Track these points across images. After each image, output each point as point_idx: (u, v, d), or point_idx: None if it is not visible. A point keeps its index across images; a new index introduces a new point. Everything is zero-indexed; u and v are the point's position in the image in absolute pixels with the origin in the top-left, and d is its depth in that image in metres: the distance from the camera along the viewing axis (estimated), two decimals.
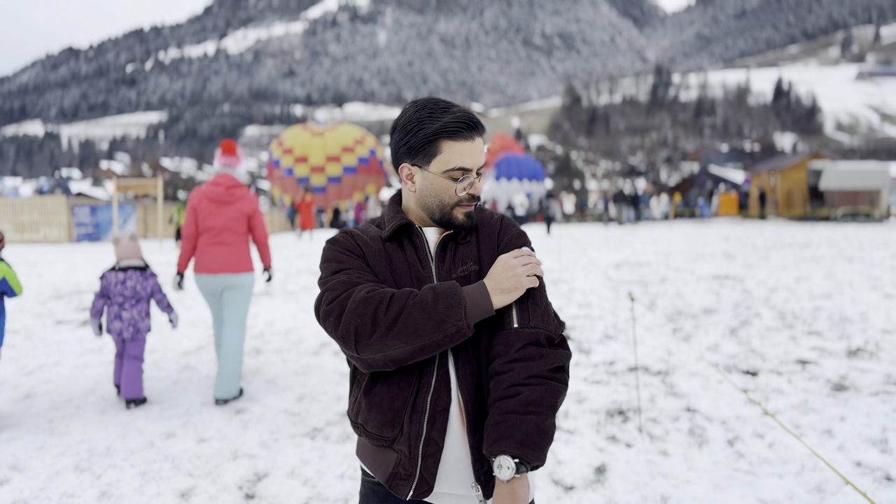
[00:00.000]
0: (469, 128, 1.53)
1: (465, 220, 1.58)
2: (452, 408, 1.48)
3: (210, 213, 5.01)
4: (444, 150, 1.54)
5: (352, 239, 1.62)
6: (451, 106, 1.57)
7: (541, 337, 1.46)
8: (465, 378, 1.48)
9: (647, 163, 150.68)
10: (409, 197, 1.64)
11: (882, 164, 30.61)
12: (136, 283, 4.89)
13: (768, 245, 16.10)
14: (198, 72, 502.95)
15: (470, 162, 1.54)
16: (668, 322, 7.43)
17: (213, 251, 4.97)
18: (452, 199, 1.56)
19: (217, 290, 5.02)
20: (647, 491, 3.35)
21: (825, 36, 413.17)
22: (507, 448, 1.33)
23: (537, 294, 1.53)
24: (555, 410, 1.41)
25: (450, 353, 1.49)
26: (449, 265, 1.56)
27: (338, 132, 33.18)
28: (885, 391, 4.79)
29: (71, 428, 4.27)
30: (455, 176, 1.54)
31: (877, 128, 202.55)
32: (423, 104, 1.57)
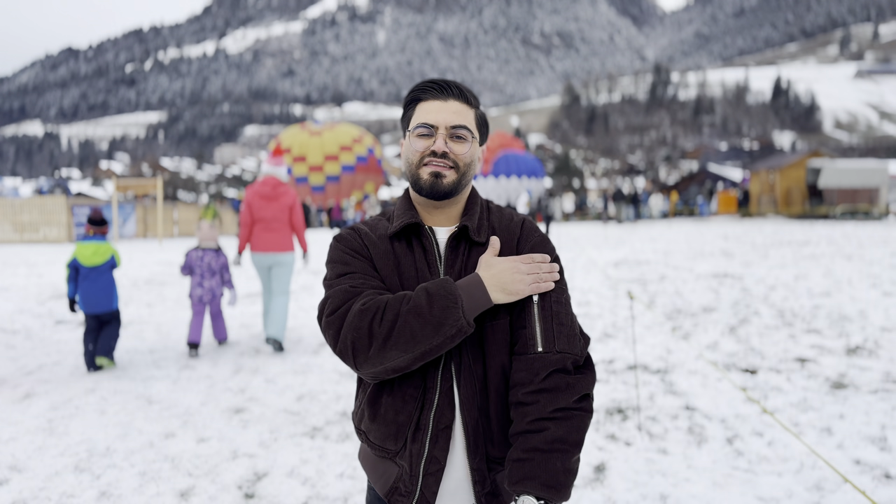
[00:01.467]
0: (440, 88, 1.52)
1: (429, 180, 1.49)
2: (456, 426, 1.44)
3: (261, 207, 6.43)
4: (416, 111, 1.54)
5: (358, 238, 1.56)
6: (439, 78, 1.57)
7: (567, 363, 1.38)
8: (466, 398, 1.43)
9: (646, 161, 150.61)
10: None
11: (881, 162, 30.61)
12: (211, 260, 6.43)
13: (767, 243, 16.10)
14: (197, 71, 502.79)
15: (433, 118, 1.49)
16: (667, 320, 7.44)
17: (265, 236, 6.42)
18: (415, 157, 1.51)
19: (266, 265, 6.49)
20: (647, 489, 3.35)
21: (824, 34, 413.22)
22: (533, 489, 1.29)
23: (563, 312, 1.44)
24: (581, 446, 1.35)
25: (453, 370, 1.44)
26: (459, 270, 1.49)
27: (336, 131, 33.19)
28: (883, 389, 4.79)
29: (70, 428, 4.27)
30: (421, 133, 1.50)
31: (875, 126, 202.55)
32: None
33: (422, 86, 1.53)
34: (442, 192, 1.50)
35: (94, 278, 5.73)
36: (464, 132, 1.51)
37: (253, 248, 6.46)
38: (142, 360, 6.03)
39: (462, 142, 1.51)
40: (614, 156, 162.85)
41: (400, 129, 1.66)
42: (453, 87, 1.53)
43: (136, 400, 4.85)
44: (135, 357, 6.13)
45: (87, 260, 5.72)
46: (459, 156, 1.50)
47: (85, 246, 5.77)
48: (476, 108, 1.57)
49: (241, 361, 5.97)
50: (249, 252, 6.54)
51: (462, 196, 1.58)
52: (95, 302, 5.71)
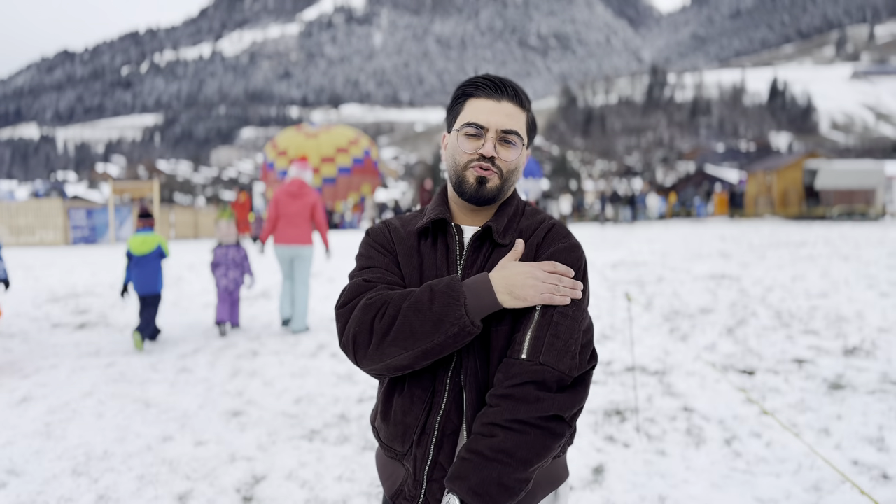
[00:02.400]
0: (495, 87, 1.45)
1: (474, 185, 1.44)
2: (462, 433, 1.41)
3: (287, 204, 7.19)
4: (466, 107, 1.47)
5: (387, 232, 1.55)
6: (495, 76, 1.49)
7: (547, 377, 1.29)
8: (471, 402, 1.39)
9: (643, 163, 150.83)
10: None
11: (877, 163, 30.66)
12: (234, 254, 7.37)
13: (765, 244, 16.13)
14: (193, 74, 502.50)
15: (485, 119, 1.43)
16: (664, 322, 7.44)
17: (288, 230, 7.16)
18: (462, 158, 1.45)
19: (287, 256, 7.23)
20: (645, 491, 3.35)
21: (820, 35, 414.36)
22: (459, 491, 1.24)
23: (563, 325, 1.34)
24: (529, 465, 1.26)
25: (463, 374, 1.39)
26: (478, 271, 1.43)
27: (332, 133, 33.17)
28: (881, 390, 4.80)
29: (68, 432, 4.26)
30: (470, 133, 1.44)
31: (872, 127, 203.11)
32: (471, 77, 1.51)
33: (475, 81, 1.47)
34: (485, 199, 1.46)
35: (143, 265, 6.70)
36: (514, 137, 1.45)
37: (276, 241, 7.23)
38: (139, 363, 6.02)
39: (511, 147, 1.46)
40: (611, 157, 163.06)
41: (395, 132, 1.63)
42: (508, 86, 1.46)
43: (133, 403, 4.84)
44: (132, 360, 6.11)
45: (137, 249, 6.71)
46: (507, 161, 1.45)
47: (135, 237, 6.77)
48: (528, 110, 1.51)
49: (239, 364, 5.97)
50: (273, 244, 7.27)
51: (502, 199, 1.53)
52: (143, 284, 6.68)
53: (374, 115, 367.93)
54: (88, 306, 8.91)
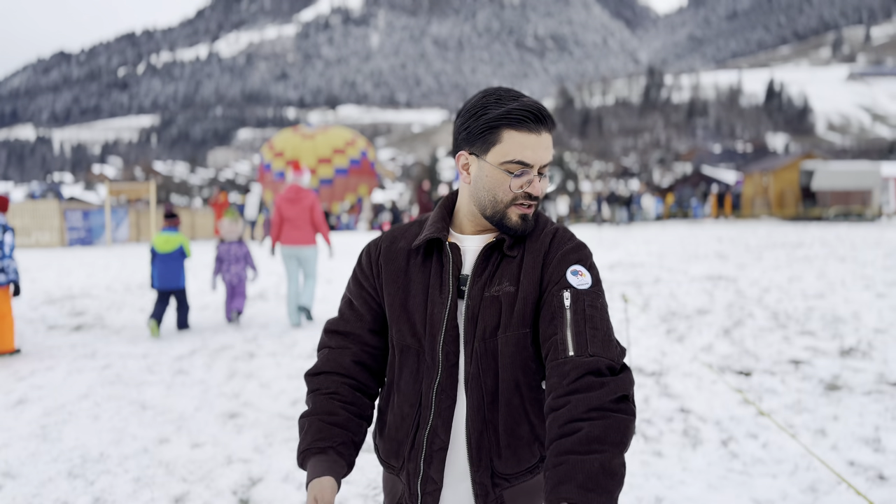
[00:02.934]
0: (536, 119, 1.38)
1: (518, 223, 1.43)
2: (459, 438, 1.42)
3: (287, 209, 7.78)
4: (504, 139, 1.39)
5: (376, 253, 1.55)
6: (521, 96, 1.42)
7: (601, 366, 1.27)
8: (472, 409, 1.40)
9: (640, 164, 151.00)
10: (463, 190, 1.51)
11: (873, 164, 30.75)
12: (236, 250, 7.94)
13: (761, 245, 16.16)
14: (190, 75, 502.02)
15: (531, 157, 1.39)
16: (661, 323, 7.45)
17: (291, 232, 7.79)
18: (507, 196, 1.41)
19: (292, 255, 7.84)
20: (642, 492, 3.35)
21: (816, 37, 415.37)
22: (569, 494, 1.13)
23: (597, 316, 1.34)
24: (624, 447, 1.21)
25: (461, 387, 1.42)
26: (485, 281, 1.42)
27: (328, 134, 33.13)
28: (877, 390, 4.81)
29: (64, 434, 4.25)
30: (512, 170, 1.39)
31: (868, 128, 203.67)
32: (492, 91, 1.43)
33: (517, 113, 1.37)
34: (527, 232, 1.45)
35: (166, 262, 7.32)
36: (548, 168, 1.44)
37: (282, 242, 7.87)
38: (135, 365, 6.01)
39: (544, 178, 1.44)
40: (608, 158, 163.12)
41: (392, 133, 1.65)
42: (548, 117, 1.40)
43: (129, 405, 4.83)
44: (128, 362, 6.10)
45: (161, 247, 7.35)
46: (541, 193, 1.44)
47: (160, 236, 7.44)
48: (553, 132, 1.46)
49: (236, 366, 5.96)
50: (280, 245, 7.90)
51: None
52: (166, 280, 7.29)
53: (371, 116, 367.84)
54: (85, 308, 8.89)
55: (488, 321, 1.40)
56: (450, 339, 1.41)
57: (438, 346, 1.42)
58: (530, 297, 1.40)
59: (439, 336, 1.42)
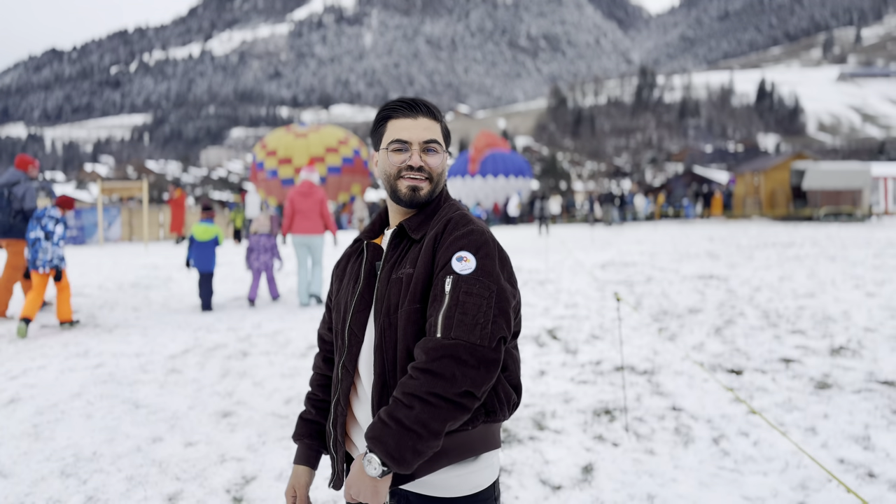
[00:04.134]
0: (410, 107, 1.66)
1: (407, 193, 1.64)
2: (365, 408, 1.61)
3: (300, 202, 8.91)
4: (388, 128, 1.68)
5: (339, 259, 1.83)
6: (407, 97, 1.71)
7: (460, 350, 1.42)
8: (378, 374, 1.55)
9: (632, 163, 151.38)
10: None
11: (863, 164, 30.85)
12: (265, 242, 9.18)
13: (752, 245, 16.23)
14: (183, 73, 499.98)
15: (407, 135, 1.64)
16: (653, 322, 7.48)
17: (303, 223, 8.91)
18: (392, 170, 1.65)
19: (302, 244, 8.95)
20: (634, 490, 3.38)
21: (807, 37, 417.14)
22: (378, 452, 1.40)
23: (470, 302, 1.47)
24: (439, 436, 1.41)
25: (362, 365, 1.62)
26: (392, 265, 1.62)
27: (321, 133, 33.07)
28: (867, 389, 4.85)
29: (56, 433, 4.24)
30: (396, 148, 1.65)
31: (858, 128, 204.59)
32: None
33: (392, 105, 1.68)
34: (419, 203, 1.66)
35: (203, 248, 8.75)
36: (435, 145, 1.67)
37: (294, 232, 8.94)
38: (128, 364, 5.99)
39: (434, 154, 1.67)
40: (601, 158, 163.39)
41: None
42: (421, 104, 1.67)
43: (122, 404, 4.83)
44: (121, 361, 6.09)
45: (199, 236, 8.78)
46: (433, 167, 1.66)
47: (198, 226, 8.87)
48: (441, 121, 1.71)
49: (229, 365, 5.95)
50: (291, 235, 8.97)
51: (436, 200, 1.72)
52: (203, 263, 8.75)
53: (364, 115, 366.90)
54: (77, 307, 8.86)
55: (391, 299, 1.57)
56: (355, 321, 1.63)
57: (345, 328, 1.65)
58: (421, 277, 1.55)
59: (347, 320, 1.65)
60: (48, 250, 7.40)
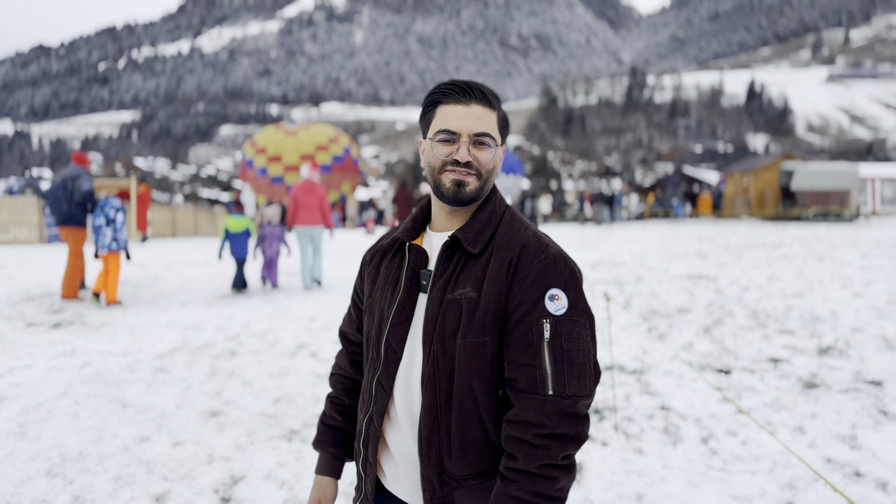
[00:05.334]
0: (462, 91, 1.46)
1: (451, 188, 1.46)
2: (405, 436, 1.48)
3: (303, 198, 10.18)
4: (437, 114, 1.49)
5: (368, 255, 1.69)
6: (461, 80, 1.52)
7: (578, 406, 1.36)
8: (426, 408, 1.43)
9: (622, 163, 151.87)
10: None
11: (851, 165, 31.06)
12: (277, 232, 10.13)
13: (741, 245, 16.31)
14: (172, 70, 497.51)
15: (456, 125, 1.45)
16: (643, 321, 7.50)
17: (305, 215, 10.17)
18: (437, 163, 1.48)
19: (307, 234, 10.19)
20: (623, 489, 3.38)
21: (796, 38, 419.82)
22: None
23: (574, 350, 1.37)
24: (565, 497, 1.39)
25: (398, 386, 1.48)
26: (446, 283, 1.45)
27: (311, 131, 32.95)
28: (854, 388, 4.88)
29: (42, 432, 4.20)
30: (443, 139, 1.47)
31: (846, 129, 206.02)
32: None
33: (443, 88, 1.48)
34: (464, 200, 1.48)
35: (236, 238, 9.79)
36: (487, 139, 1.47)
37: (298, 223, 10.20)
38: (115, 363, 5.95)
39: (485, 148, 1.47)
40: (591, 157, 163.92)
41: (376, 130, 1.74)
42: (476, 89, 1.48)
43: (109, 403, 4.79)
44: (108, 360, 6.04)
45: (233, 227, 9.80)
46: (483, 163, 1.47)
47: (231, 219, 9.92)
48: (498, 109, 1.52)
49: (217, 364, 5.92)
50: (295, 227, 10.21)
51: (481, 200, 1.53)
52: (237, 251, 9.77)
53: (354, 113, 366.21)
54: (64, 305, 8.79)
55: (447, 324, 1.42)
56: (393, 334, 1.48)
57: (382, 340, 1.50)
58: (492, 306, 1.40)
59: (384, 331, 1.49)
60: (107, 235, 8.61)
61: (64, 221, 9.29)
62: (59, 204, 9.28)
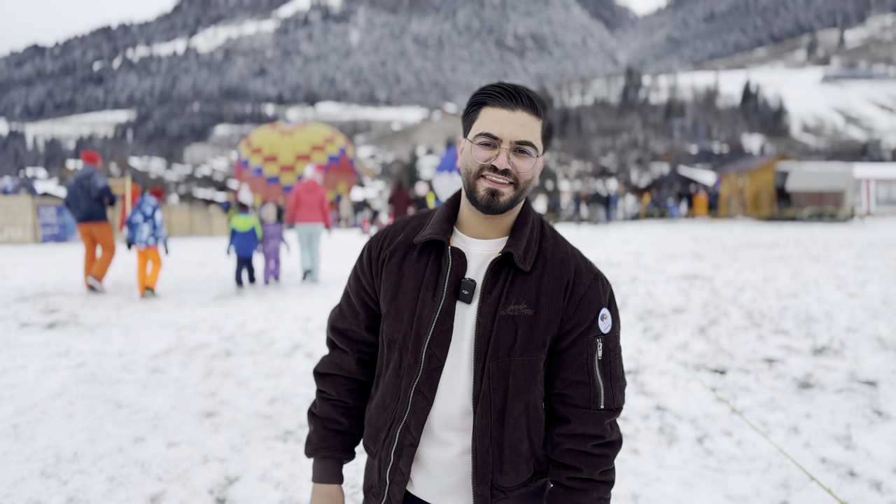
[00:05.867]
0: (509, 95, 1.41)
1: (484, 196, 1.41)
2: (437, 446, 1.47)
3: (305, 196, 10.87)
4: (481, 115, 1.44)
5: (377, 250, 1.57)
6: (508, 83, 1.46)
7: (619, 412, 1.49)
8: (481, 426, 1.43)
9: (618, 164, 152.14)
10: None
11: (846, 166, 31.19)
12: (274, 230, 10.73)
13: (736, 245, 16.35)
14: (167, 70, 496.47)
15: (499, 130, 1.40)
16: (638, 321, 7.51)
17: (306, 213, 10.85)
18: (474, 167, 1.42)
19: (307, 231, 10.89)
20: (618, 489, 3.38)
21: (791, 39, 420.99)
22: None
23: (618, 364, 1.49)
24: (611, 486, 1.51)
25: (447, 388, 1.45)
26: (497, 298, 1.42)
27: (307, 131, 32.91)
28: (848, 388, 4.89)
29: (36, 433, 4.18)
30: (483, 143, 1.41)
31: (841, 130, 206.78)
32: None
33: (489, 90, 1.43)
34: (498, 209, 1.43)
35: (243, 237, 10.09)
36: (529, 148, 1.42)
37: (298, 221, 10.88)
38: (110, 363, 5.93)
39: (526, 157, 1.42)
40: (587, 158, 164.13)
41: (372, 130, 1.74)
42: (523, 95, 1.42)
43: (104, 404, 4.77)
44: (103, 360, 6.03)
45: (239, 227, 10.07)
46: (522, 172, 1.42)
47: (237, 218, 10.17)
48: (544, 118, 1.46)
49: (212, 364, 5.91)
50: (296, 224, 10.89)
51: (515, 209, 1.50)
52: (244, 250, 10.13)
53: (350, 113, 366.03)
54: (58, 305, 8.77)
55: (502, 341, 1.41)
56: (436, 342, 1.43)
57: (423, 346, 1.43)
58: (551, 325, 1.43)
59: (425, 337, 1.43)
60: (145, 230, 9.34)
61: (86, 218, 9.75)
62: (79, 203, 9.74)
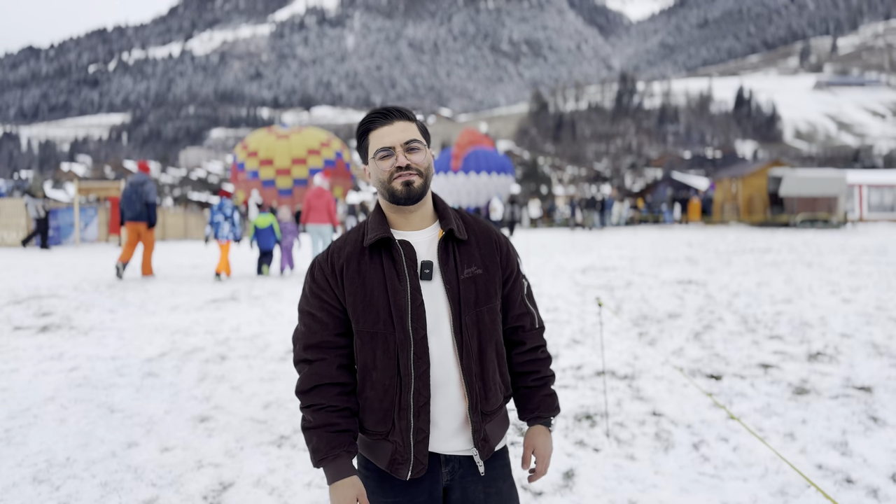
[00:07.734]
0: (384, 115, 1.79)
1: (402, 190, 1.75)
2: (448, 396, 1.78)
3: (314, 201, 12.53)
4: (370, 140, 1.80)
5: (329, 267, 1.81)
6: (380, 107, 1.83)
7: (543, 329, 2.03)
8: (468, 371, 1.77)
9: (612, 169, 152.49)
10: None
11: (839, 172, 31.30)
12: (290, 227, 12.66)
13: (730, 250, 16.38)
14: (162, 73, 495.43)
15: (389, 141, 1.76)
16: (633, 326, 7.51)
17: (315, 215, 12.53)
18: (385, 175, 1.77)
19: (316, 231, 12.62)
20: (615, 495, 3.37)
21: (784, 46, 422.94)
22: (553, 413, 1.96)
23: (531, 289, 2.02)
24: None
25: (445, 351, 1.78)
26: (454, 267, 1.80)
27: (303, 135, 32.89)
28: (844, 394, 4.90)
29: (29, 438, 4.15)
30: (382, 156, 1.77)
31: (834, 136, 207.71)
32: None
33: (368, 118, 1.81)
34: (415, 197, 1.77)
35: (263, 233, 12.07)
36: (416, 144, 1.78)
37: (309, 222, 12.60)
38: (103, 367, 5.90)
39: (417, 151, 1.79)
40: (581, 163, 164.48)
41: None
42: (394, 110, 1.80)
43: (97, 408, 4.74)
44: (96, 364, 5.99)
45: (260, 224, 12.02)
46: (419, 162, 1.78)
47: (259, 217, 12.11)
48: (415, 121, 1.83)
49: (207, 369, 5.88)
50: (308, 224, 12.57)
51: (428, 198, 1.85)
52: (264, 244, 12.13)
53: (345, 117, 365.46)
54: (52, 308, 8.72)
55: (469, 297, 1.79)
56: (415, 316, 1.73)
57: (407, 324, 1.73)
58: (495, 277, 1.86)
59: (406, 317, 1.73)
60: (225, 228, 11.64)
61: (136, 218, 11.45)
62: (133, 205, 11.43)
